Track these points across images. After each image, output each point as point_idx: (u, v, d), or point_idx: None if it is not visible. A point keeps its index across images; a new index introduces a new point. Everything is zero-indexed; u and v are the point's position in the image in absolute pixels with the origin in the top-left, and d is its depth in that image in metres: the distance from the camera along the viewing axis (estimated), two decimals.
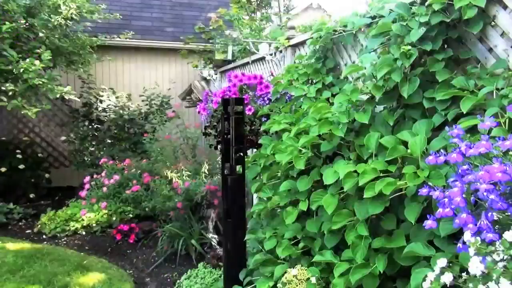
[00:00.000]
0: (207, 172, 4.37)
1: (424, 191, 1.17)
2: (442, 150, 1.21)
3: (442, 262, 0.96)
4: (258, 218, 2.18)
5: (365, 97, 1.84)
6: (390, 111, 1.66)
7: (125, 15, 6.83)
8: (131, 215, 4.73)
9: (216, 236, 4.17)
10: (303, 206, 1.89)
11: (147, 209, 4.33)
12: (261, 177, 2.50)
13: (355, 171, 1.60)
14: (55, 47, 4.98)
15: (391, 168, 1.52)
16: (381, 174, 1.51)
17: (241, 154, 2.05)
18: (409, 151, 1.47)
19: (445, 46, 1.67)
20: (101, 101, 6.09)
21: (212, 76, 5.93)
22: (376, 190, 1.43)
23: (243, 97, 2.77)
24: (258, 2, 8.31)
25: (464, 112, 1.28)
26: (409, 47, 1.59)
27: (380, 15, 2.01)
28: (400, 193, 1.47)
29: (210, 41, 6.20)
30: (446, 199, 1.02)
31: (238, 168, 2.17)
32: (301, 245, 1.90)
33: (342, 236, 1.70)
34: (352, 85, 1.83)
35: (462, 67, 1.62)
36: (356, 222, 1.60)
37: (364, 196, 1.47)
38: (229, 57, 5.59)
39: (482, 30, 1.49)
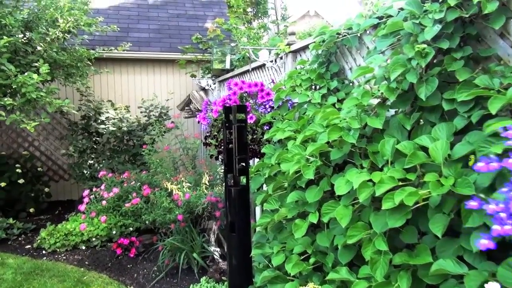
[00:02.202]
0: (207, 183, 4.24)
1: (473, 204, 1.04)
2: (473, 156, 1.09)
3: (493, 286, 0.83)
4: (264, 231, 2.05)
5: (374, 101, 1.73)
6: (406, 115, 1.54)
7: (123, 27, 6.79)
8: (131, 228, 4.62)
9: (218, 249, 4.03)
10: (313, 219, 1.76)
11: (147, 222, 4.20)
12: (266, 188, 2.39)
13: (370, 180, 1.48)
14: (53, 61, 4.93)
15: (410, 176, 1.40)
16: (400, 183, 1.39)
17: (245, 164, 1.93)
18: (430, 157, 1.35)
19: (461, 44, 1.57)
20: (99, 114, 6.00)
21: (210, 86, 5.84)
22: (396, 201, 1.31)
23: (245, 104, 2.67)
24: (255, 12, 8.31)
25: (494, 113, 1.17)
26: (425, 45, 1.48)
27: (388, 15, 1.91)
28: (422, 203, 1.34)
29: (208, 50, 6.14)
30: (503, 214, 0.89)
31: (242, 179, 2.05)
32: (312, 260, 1.77)
33: (358, 250, 1.57)
34: (362, 89, 1.72)
35: (481, 65, 1.51)
36: (373, 235, 1.47)
37: (383, 208, 1.35)
38: (227, 66, 5.52)
39: (503, 26, 1.38)
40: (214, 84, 5.68)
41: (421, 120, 1.59)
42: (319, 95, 2.30)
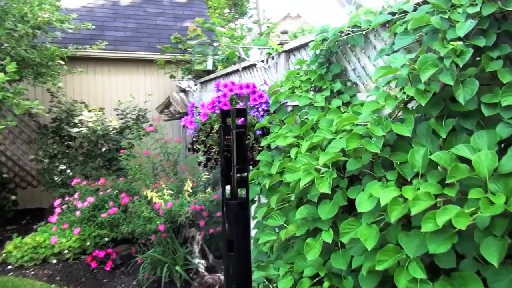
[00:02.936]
0: (190, 190, 3.97)
1: None
2: None
3: None
4: (270, 251, 1.82)
5: (384, 109, 1.54)
6: (438, 121, 1.36)
7: (98, 25, 6.38)
8: (106, 239, 4.27)
9: (203, 261, 3.77)
10: (327, 237, 1.56)
11: (125, 232, 3.88)
12: (266, 200, 2.17)
13: (400, 196, 1.29)
14: (21, 59, 4.51)
15: (449, 192, 1.22)
16: (438, 200, 1.21)
17: (245, 175, 1.70)
18: (473, 170, 1.17)
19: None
20: (72, 116, 5.59)
21: (191, 88, 5.56)
22: (440, 222, 1.12)
23: (245, 108, 2.44)
24: (234, 13, 8.09)
25: None
26: (460, 42, 1.30)
27: (402, 11, 1.74)
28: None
29: (188, 50, 5.86)
30: None
31: (241, 191, 1.81)
32: (326, 285, 1.56)
33: (383, 275, 1.37)
34: (382, 91, 1.53)
35: None
36: (403, 258, 1.28)
37: (422, 230, 1.16)
38: (209, 67, 5.26)
39: None
40: (195, 85, 5.41)
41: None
42: (322, 98, 2.10)
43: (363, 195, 1.42)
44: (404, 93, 1.41)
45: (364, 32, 2.04)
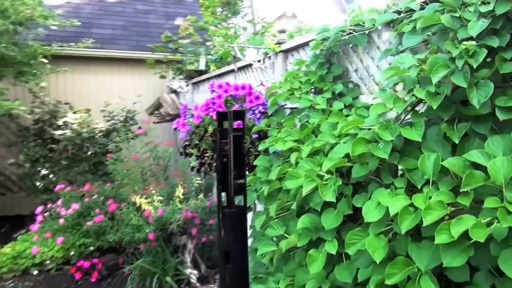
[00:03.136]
0: (181, 197, 3.84)
1: None
2: None
3: None
4: (270, 263, 1.72)
5: (388, 112, 1.47)
6: (449, 125, 1.29)
7: (84, 23, 6.19)
8: (92, 248, 4.08)
9: (195, 271, 3.64)
10: (330, 249, 1.47)
11: (112, 240, 3.72)
12: (263, 207, 2.07)
13: (411, 205, 1.21)
14: (1, 56, 4.30)
15: (463, 200, 1.14)
16: (452, 209, 1.13)
17: (242, 181, 1.60)
18: (488, 178, 1.10)
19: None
20: (56, 118, 5.38)
21: (183, 88, 5.43)
22: (454, 233, 1.04)
23: (243, 110, 2.34)
24: (227, 12, 7.99)
25: None
26: (473, 42, 1.23)
27: (408, 9, 1.67)
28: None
29: (179, 49, 5.72)
30: None
31: (239, 199, 1.71)
32: None
33: None
34: (389, 93, 1.45)
35: None
36: (416, 273, 1.19)
37: (436, 242, 1.08)
38: (202, 67, 5.14)
39: None
40: (187, 86, 5.28)
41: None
42: (324, 100, 2.02)
43: (371, 203, 1.33)
44: (414, 95, 1.33)
45: (367, 32, 1.96)
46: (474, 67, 1.20)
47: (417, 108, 1.49)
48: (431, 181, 1.25)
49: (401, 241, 1.29)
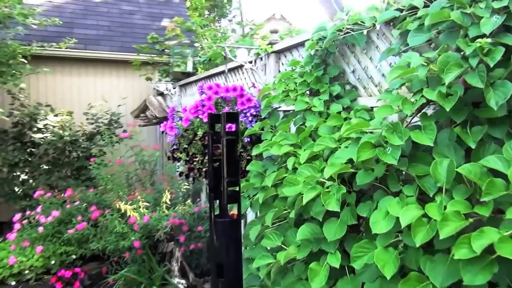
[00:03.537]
0: (169, 203, 3.69)
1: None
2: None
3: None
4: (267, 277, 1.60)
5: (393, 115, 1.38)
6: (463, 129, 1.20)
7: (66, 22, 5.99)
8: (74, 256, 3.88)
9: (183, 281, 3.48)
10: (333, 261, 1.36)
11: (95, 248, 3.54)
12: (258, 215, 1.95)
13: (424, 215, 1.11)
14: None
15: (481, 210, 1.05)
16: (471, 220, 1.04)
17: (236, 188, 1.49)
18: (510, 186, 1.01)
19: None
20: (36, 120, 5.15)
21: (170, 91, 5.28)
22: (477, 247, 0.95)
23: (237, 112, 2.23)
24: (214, 15, 7.88)
25: None
26: (489, 39, 1.15)
27: (411, 7, 1.59)
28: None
29: (166, 51, 5.58)
30: None
31: (232, 207, 1.59)
32: None
33: None
34: (396, 94, 1.36)
35: None
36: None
37: (456, 257, 0.98)
38: (189, 69, 5.01)
39: None
40: (174, 89, 5.13)
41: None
42: (321, 102, 1.92)
43: (378, 213, 1.23)
44: (423, 96, 1.24)
45: (365, 31, 1.87)
46: (491, 66, 1.12)
47: (424, 111, 1.40)
48: (444, 189, 1.16)
49: (412, 254, 1.20)
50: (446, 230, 1.03)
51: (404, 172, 1.30)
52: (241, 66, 2.98)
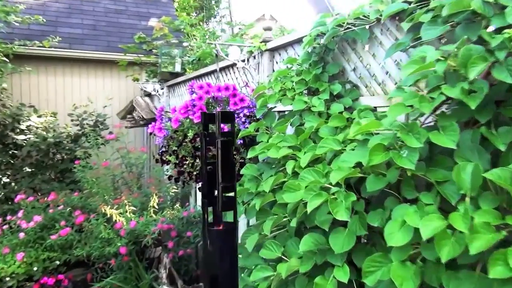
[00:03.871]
0: (156, 207, 3.52)
1: None
2: None
3: None
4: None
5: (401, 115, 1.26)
6: (489, 130, 1.08)
7: (50, 21, 5.77)
8: (57, 262, 3.68)
9: None
10: (341, 276, 1.23)
11: (79, 255, 3.35)
12: (255, 222, 1.81)
13: (449, 227, 0.98)
14: None
15: None
16: (505, 233, 0.92)
17: (232, 195, 1.34)
18: None
19: None
20: (18, 121, 4.93)
21: (157, 92, 5.10)
22: None
23: (232, 111, 2.09)
24: (203, 15, 7.73)
25: None
26: None
27: None
28: None
29: (153, 51, 5.40)
30: None
31: (227, 215, 1.45)
32: None
33: None
34: (411, 92, 1.24)
35: None
36: None
37: (491, 276, 0.86)
38: (178, 69, 4.84)
39: None
40: (162, 89, 4.96)
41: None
42: (321, 102, 1.79)
43: (393, 223, 1.10)
44: (442, 94, 1.12)
45: (367, 26, 1.76)
46: None
47: (440, 110, 1.28)
48: (469, 196, 1.04)
49: (432, 269, 1.07)
50: (476, 244, 0.91)
51: (416, 178, 1.17)
52: (233, 65, 2.84)
